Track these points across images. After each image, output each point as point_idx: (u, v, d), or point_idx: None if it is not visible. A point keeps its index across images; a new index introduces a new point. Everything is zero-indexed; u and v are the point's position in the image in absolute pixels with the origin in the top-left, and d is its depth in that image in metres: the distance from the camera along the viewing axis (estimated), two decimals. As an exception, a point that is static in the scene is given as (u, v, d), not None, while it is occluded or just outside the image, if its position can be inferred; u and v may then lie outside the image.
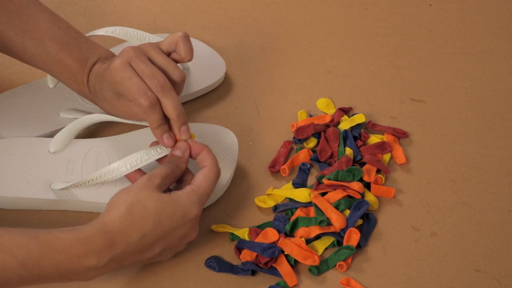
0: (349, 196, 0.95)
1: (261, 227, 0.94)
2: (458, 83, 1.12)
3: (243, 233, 0.93)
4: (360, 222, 0.94)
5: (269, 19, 1.21)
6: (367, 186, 0.98)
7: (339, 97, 1.10)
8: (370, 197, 0.96)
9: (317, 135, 1.03)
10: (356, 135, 1.03)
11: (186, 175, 0.91)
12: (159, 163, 0.93)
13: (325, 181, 0.95)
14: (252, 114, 1.07)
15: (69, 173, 0.96)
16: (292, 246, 0.90)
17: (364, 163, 1.00)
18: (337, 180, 0.96)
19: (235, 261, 0.91)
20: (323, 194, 0.96)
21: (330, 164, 1.00)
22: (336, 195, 0.95)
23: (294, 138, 1.03)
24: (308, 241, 0.93)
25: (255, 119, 1.07)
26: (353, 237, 0.92)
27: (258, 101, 1.09)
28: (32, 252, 0.79)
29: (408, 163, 1.02)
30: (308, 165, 1.00)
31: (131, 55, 0.91)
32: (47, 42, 0.96)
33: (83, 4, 1.20)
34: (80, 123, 0.98)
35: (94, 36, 1.05)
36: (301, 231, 0.92)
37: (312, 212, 0.94)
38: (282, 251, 0.91)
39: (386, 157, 1.01)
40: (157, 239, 0.85)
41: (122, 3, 1.22)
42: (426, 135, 1.05)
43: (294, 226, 0.93)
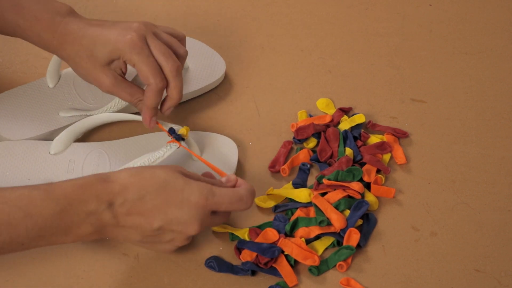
0: (349, 196, 0.95)
1: (261, 227, 0.94)
2: (458, 83, 1.12)
3: (243, 233, 0.93)
4: (360, 222, 0.94)
5: (269, 19, 1.20)
6: (367, 186, 0.98)
7: (339, 97, 1.10)
8: (370, 197, 0.96)
9: (317, 135, 1.03)
10: (356, 135, 1.03)
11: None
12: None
13: (325, 181, 0.95)
14: (252, 114, 1.07)
15: (70, 174, 0.96)
16: (292, 246, 0.90)
17: (364, 163, 0.99)
18: (337, 180, 0.96)
19: (235, 261, 0.91)
20: (323, 194, 0.96)
21: (330, 164, 1.00)
22: (336, 195, 0.95)
23: (294, 138, 1.03)
24: (308, 241, 0.93)
25: (255, 119, 1.07)
26: (353, 237, 0.92)
27: (258, 101, 1.09)
28: (35, 201, 0.79)
29: (408, 163, 1.02)
30: (308, 165, 1.00)
31: (144, 31, 0.92)
32: None
33: (83, 4, 1.20)
34: (81, 125, 0.98)
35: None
36: (301, 231, 0.92)
37: (312, 212, 0.94)
38: (282, 251, 0.91)
39: (386, 157, 1.01)
40: (156, 208, 0.83)
41: (122, 3, 1.22)
42: (426, 135, 1.05)
43: (294, 226, 0.93)
